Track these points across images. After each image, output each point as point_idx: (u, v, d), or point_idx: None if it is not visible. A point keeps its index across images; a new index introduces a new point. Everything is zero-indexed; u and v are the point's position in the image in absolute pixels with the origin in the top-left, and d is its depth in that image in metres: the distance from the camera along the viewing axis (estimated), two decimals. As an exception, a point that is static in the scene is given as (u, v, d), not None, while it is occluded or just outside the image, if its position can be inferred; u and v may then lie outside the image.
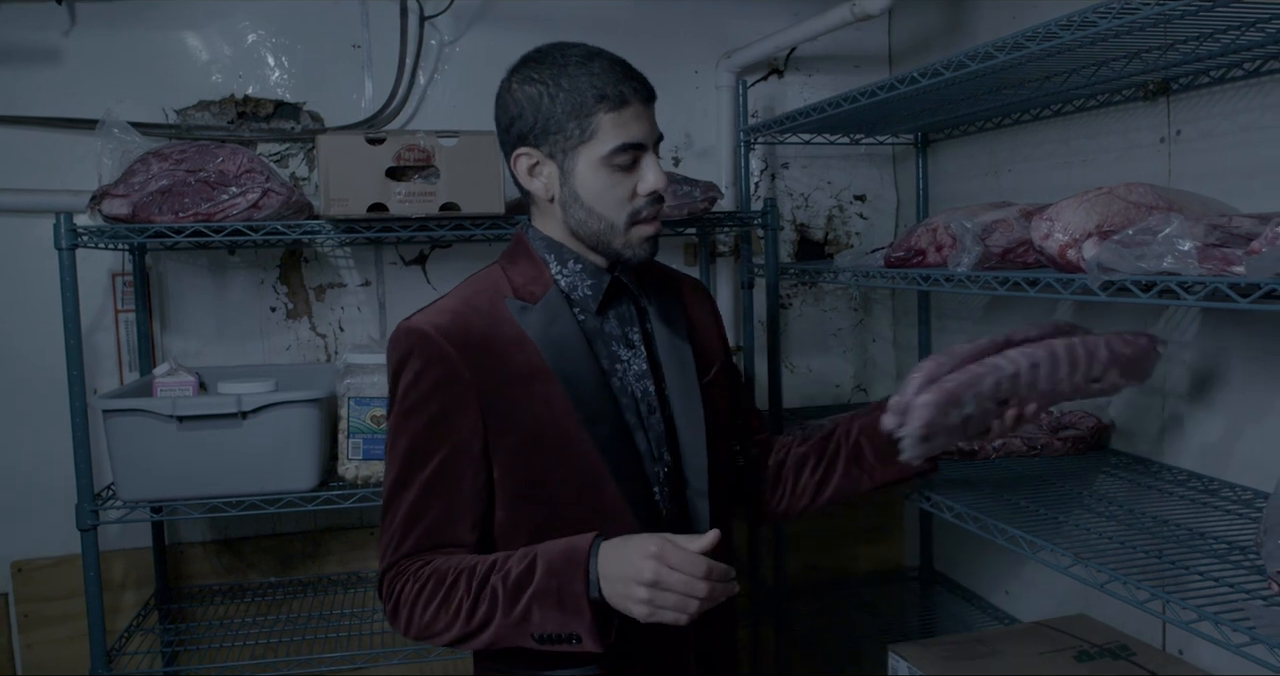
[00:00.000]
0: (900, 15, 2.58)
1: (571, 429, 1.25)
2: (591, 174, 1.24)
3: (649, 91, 1.26)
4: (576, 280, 1.30)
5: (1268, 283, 1.02)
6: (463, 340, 1.24)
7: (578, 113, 1.22)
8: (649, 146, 1.25)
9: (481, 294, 1.30)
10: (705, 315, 1.46)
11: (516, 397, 1.24)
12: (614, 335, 1.32)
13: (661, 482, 1.31)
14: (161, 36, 2.27)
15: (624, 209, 1.25)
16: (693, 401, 1.34)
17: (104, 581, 1.94)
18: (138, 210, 1.87)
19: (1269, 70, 1.50)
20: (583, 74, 1.22)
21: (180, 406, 1.85)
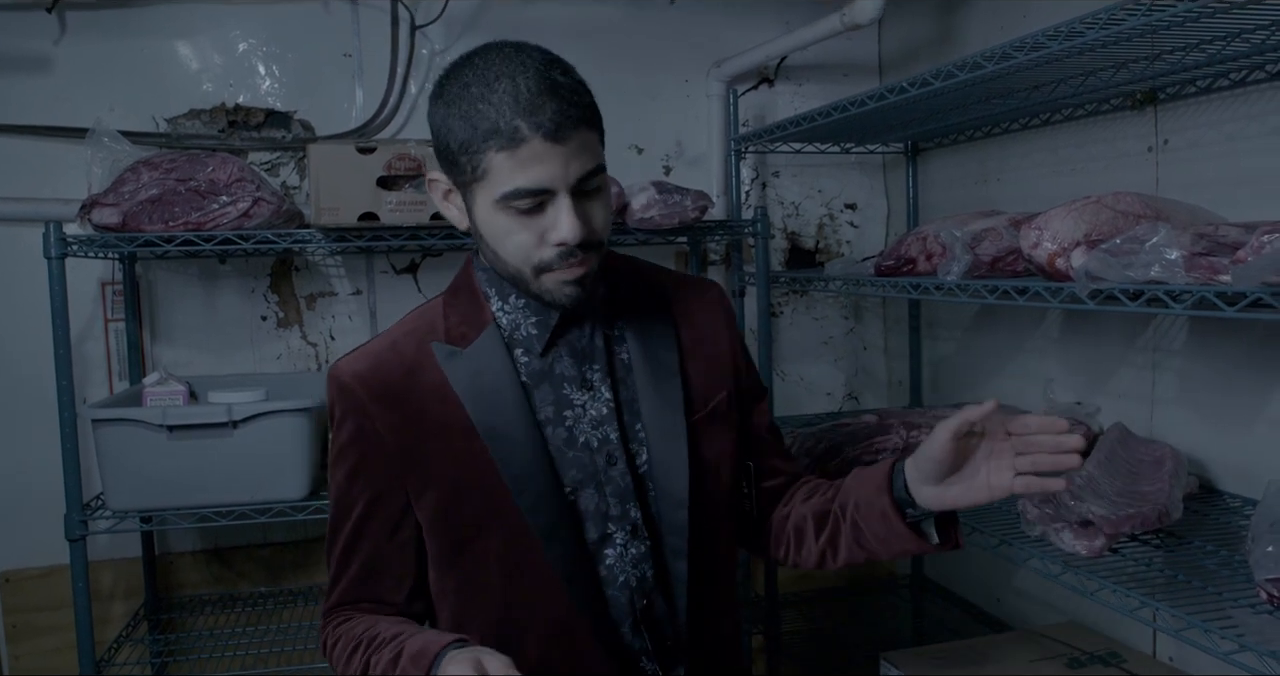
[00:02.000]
0: (889, 25, 2.59)
1: (495, 489, 1.11)
2: (490, 215, 1.06)
3: (560, 124, 1.01)
4: (519, 317, 1.16)
5: (1254, 291, 1.03)
6: (380, 390, 1.14)
7: (467, 148, 1.03)
8: (558, 190, 1.03)
9: (411, 335, 1.17)
10: (711, 333, 1.25)
11: (435, 454, 1.13)
12: (566, 376, 1.15)
13: (621, 544, 1.15)
14: (152, 45, 2.27)
15: (529, 257, 1.06)
16: (674, 446, 1.16)
17: (93, 591, 1.93)
18: (127, 219, 1.87)
19: (1254, 80, 1.51)
20: (479, 101, 1.02)
21: (170, 416, 1.85)
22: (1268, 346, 1.51)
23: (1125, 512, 1.35)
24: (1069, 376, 1.98)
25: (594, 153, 1.05)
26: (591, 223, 1.06)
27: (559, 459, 1.13)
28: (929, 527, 1.14)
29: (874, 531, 1.15)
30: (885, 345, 2.74)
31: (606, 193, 1.10)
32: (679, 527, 1.15)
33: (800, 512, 1.27)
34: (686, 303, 1.25)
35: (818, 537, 1.23)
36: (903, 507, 1.12)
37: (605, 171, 1.09)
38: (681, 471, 1.15)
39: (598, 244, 1.08)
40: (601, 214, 1.08)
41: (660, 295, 1.24)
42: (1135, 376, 1.79)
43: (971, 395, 2.28)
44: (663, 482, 1.16)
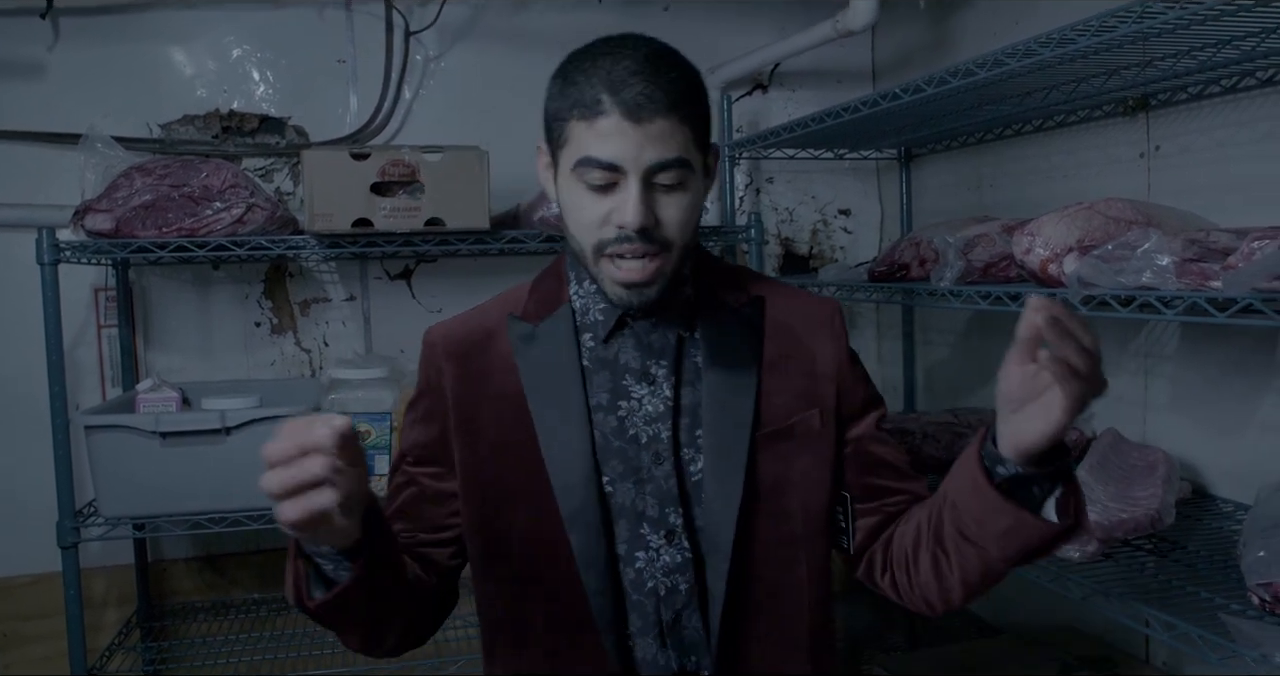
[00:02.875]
0: (883, 32, 2.60)
1: (532, 464, 1.11)
2: (567, 186, 1.08)
3: (641, 105, 1.01)
4: (590, 302, 1.15)
5: (1244, 297, 1.03)
6: (455, 349, 1.18)
7: (556, 115, 1.07)
8: (628, 170, 1.02)
9: (500, 304, 1.21)
10: (808, 348, 1.17)
11: (486, 418, 1.14)
12: (629, 367, 1.13)
13: (654, 548, 1.10)
14: (146, 51, 2.27)
15: (592, 234, 1.06)
16: (730, 461, 1.10)
17: (85, 599, 1.92)
18: (121, 225, 1.87)
19: (1245, 87, 1.52)
20: (578, 73, 1.05)
21: (163, 422, 1.84)
22: (1259, 352, 1.51)
23: (1118, 518, 1.36)
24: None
25: (676, 145, 1.03)
26: (660, 215, 1.04)
27: (603, 447, 1.11)
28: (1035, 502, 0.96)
29: (969, 509, 0.98)
30: (879, 351, 2.75)
31: (690, 195, 1.06)
32: (723, 547, 1.09)
33: (907, 525, 1.13)
34: (785, 315, 1.19)
35: (928, 544, 1.07)
36: (992, 468, 0.96)
37: (693, 171, 1.05)
38: (735, 488, 1.09)
39: (665, 242, 1.05)
40: (676, 213, 1.05)
41: (755, 305, 1.18)
42: (1128, 382, 1.80)
43: (967, 400, 2.28)
44: (713, 496, 1.10)
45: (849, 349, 1.20)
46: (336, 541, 0.94)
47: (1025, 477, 0.95)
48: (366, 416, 1.95)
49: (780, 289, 1.22)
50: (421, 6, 2.37)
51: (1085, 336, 0.85)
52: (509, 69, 2.44)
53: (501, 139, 2.26)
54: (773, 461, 1.12)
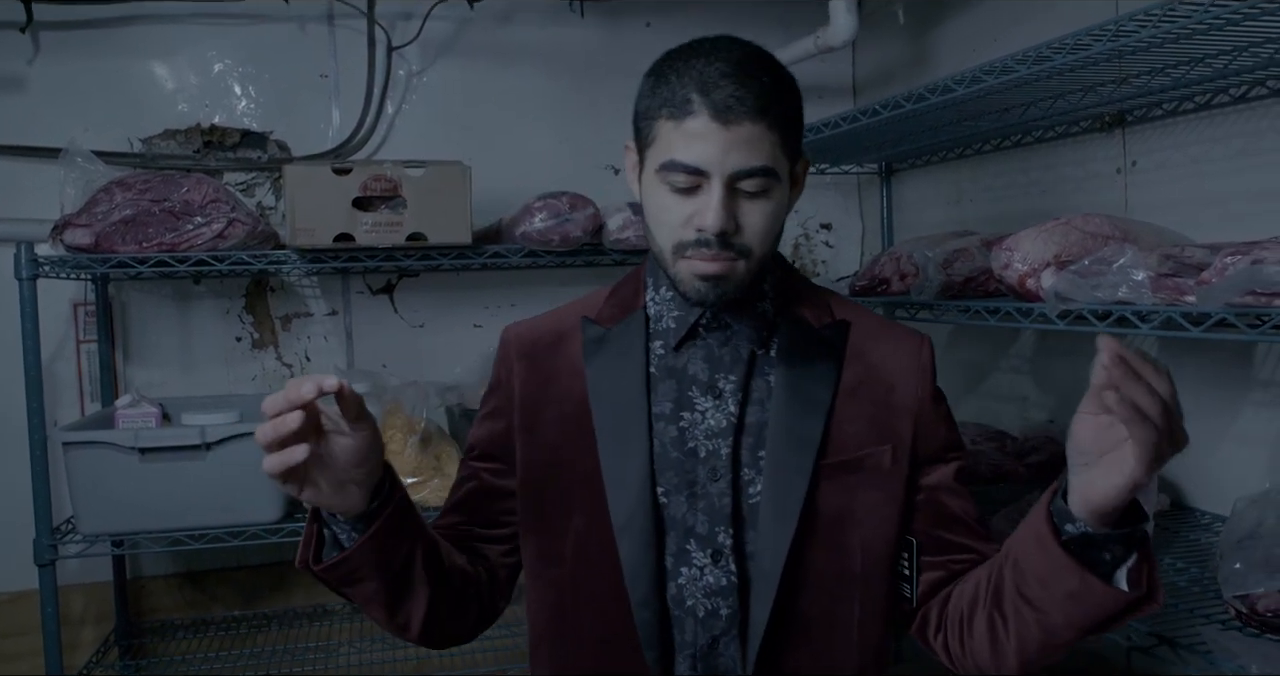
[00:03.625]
0: (863, 48, 2.62)
1: (589, 468, 1.10)
2: (651, 186, 1.06)
3: (730, 107, 0.98)
4: (664, 309, 1.13)
5: (1218, 312, 1.05)
6: (527, 348, 1.18)
7: (645, 114, 1.06)
8: (712, 174, 1.00)
9: (577, 307, 1.20)
10: (890, 380, 1.11)
11: (549, 418, 1.14)
12: (696, 379, 1.10)
13: (698, 566, 1.06)
14: (127, 65, 2.26)
15: (672, 235, 1.04)
16: (790, 486, 1.05)
17: (62, 617, 1.90)
18: (100, 240, 1.86)
19: (1218, 104, 1.54)
20: (671, 73, 1.03)
21: (142, 438, 1.83)
22: (1234, 366, 1.53)
23: (1097, 531, 1.36)
24: (1042, 395, 1.99)
25: (763, 152, 1.00)
26: (741, 221, 1.02)
27: (660, 456, 1.08)
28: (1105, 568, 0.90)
29: (1033, 568, 0.92)
30: (861, 364, 2.75)
31: (773, 204, 1.03)
32: (770, 574, 1.04)
33: (965, 584, 1.07)
34: (870, 343, 1.14)
35: (985, 605, 1.01)
36: (1060, 525, 0.90)
37: (778, 180, 1.03)
38: (791, 514, 1.04)
39: (744, 249, 1.03)
40: (758, 220, 1.02)
41: (839, 329, 1.14)
42: (1107, 395, 1.81)
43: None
44: (768, 521, 1.05)
45: (935, 387, 1.14)
46: (341, 506, 0.97)
47: (1096, 538, 0.88)
48: (348, 431, 1.94)
49: (869, 316, 1.17)
50: (404, 21, 2.38)
51: (1156, 379, 0.80)
52: (491, 84, 2.44)
53: (484, 154, 2.27)
54: (836, 493, 1.07)
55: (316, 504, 0.98)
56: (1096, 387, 0.80)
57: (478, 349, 2.25)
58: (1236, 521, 1.21)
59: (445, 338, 2.44)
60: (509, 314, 2.47)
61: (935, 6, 2.29)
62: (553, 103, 2.49)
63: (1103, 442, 0.84)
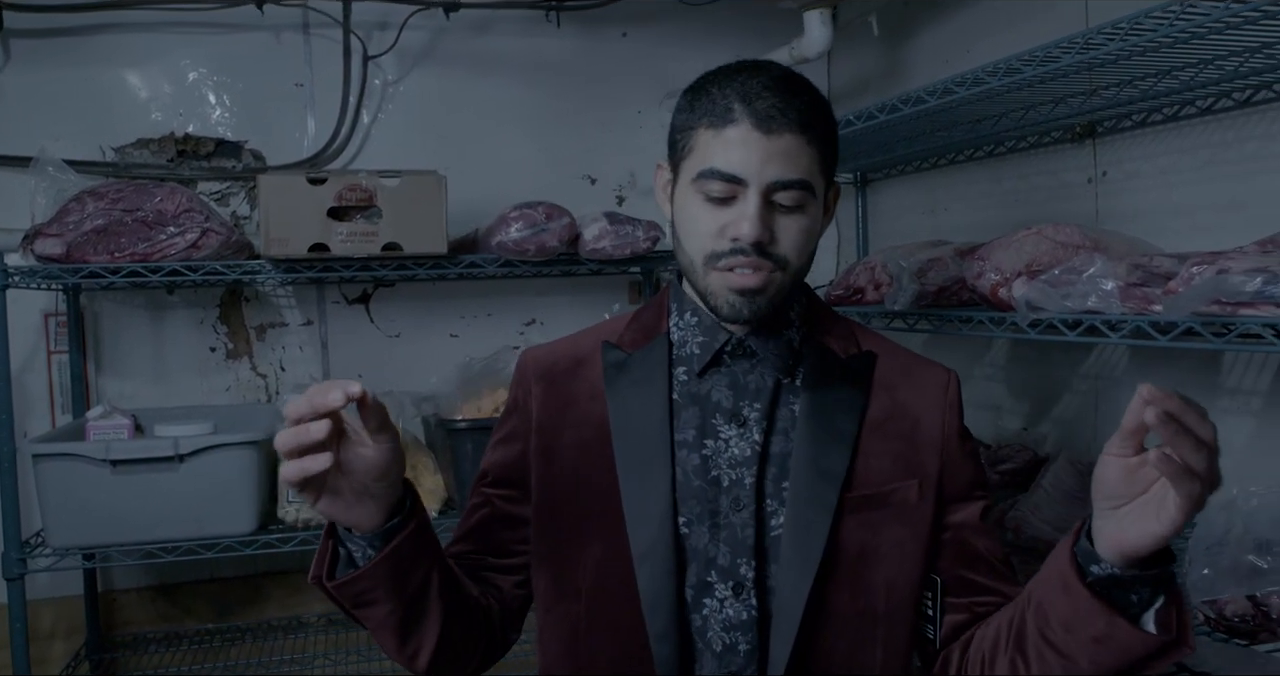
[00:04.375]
0: (838, 58, 2.64)
1: (609, 496, 1.07)
2: (684, 198, 1.05)
3: (772, 117, 0.99)
4: (688, 334, 1.11)
5: (1184, 321, 1.06)
6: (545, 371, 1.15)
7: (686, 124, 1.05)
8: (749, 182, 0.99)
9: (597, 332, 1.18)
10: (916, 414, 1.09)
11: (567, 444, 1.11)
12: (720, 406, 1.07)
13: (719, 599, 1.04)
14: (100, 74, 2.25)
15: (704, 245, 1.02)
16: (814, 519, 1.02)
17: (31, 631, 1.88)
18: (72, 250, 1.84)
19: (1185, 116, 1.56)
20: (711, 87, 1.03)
21: (114, 450, 1.81)
22: (1202, 373, 1.55)
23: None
24: (1016, 403, 2.01)
25: (802, 166, 1.00)
26: (777, 233, 1.01)
27: (683, 485, 1.05)
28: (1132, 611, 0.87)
29: (1057, 611, 0.90)
30: (838, 372, 2.76)
31: (809, 220, 1.03)
32: (792, 611, 1.01)
33: (987, 628, 1.04)
34: (896, 376, 1.12)
35: (1006, 649, 0.98)
36: (1085, 566, 0.88)
37: (814, 198, 1.03)
38: (814, 549, 1.01)
39: (780, 260, 1.01)
40: (794, 235, 1.01)
41: (865, 360, 1.12)
42: (1079, 403, 1.83)
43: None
44: (789, 555, 1.02)
45: (962, 424, 1.12)
46: (357, 520, 0.93)
47: (1124, 580, 0.86)
48: (323, 442, 1.93)
49: (895, 349, 1.15)
50: (380, 31, 2.37)
51: (1204, 430, 0.78)
52: (468, 94, 2.44)
53: (460, 163, 2.27)
54: (860, 528, 1.04)
55: (332, 516, 0.94)
56: (1126, 431, 0.80)
57: (454, 359, 2.24)
58: (1205, 528, 1.22)
59: (421, 347, 2.43)
60: (485, 323, 2.47)
61: (909, 18, 2.31)
62: (529, 112, 2.50)
63: (1134, 486, 0.82)
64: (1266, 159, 1.44)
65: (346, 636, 2.29)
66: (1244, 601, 1.12)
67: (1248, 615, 1.11)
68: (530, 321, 2.51)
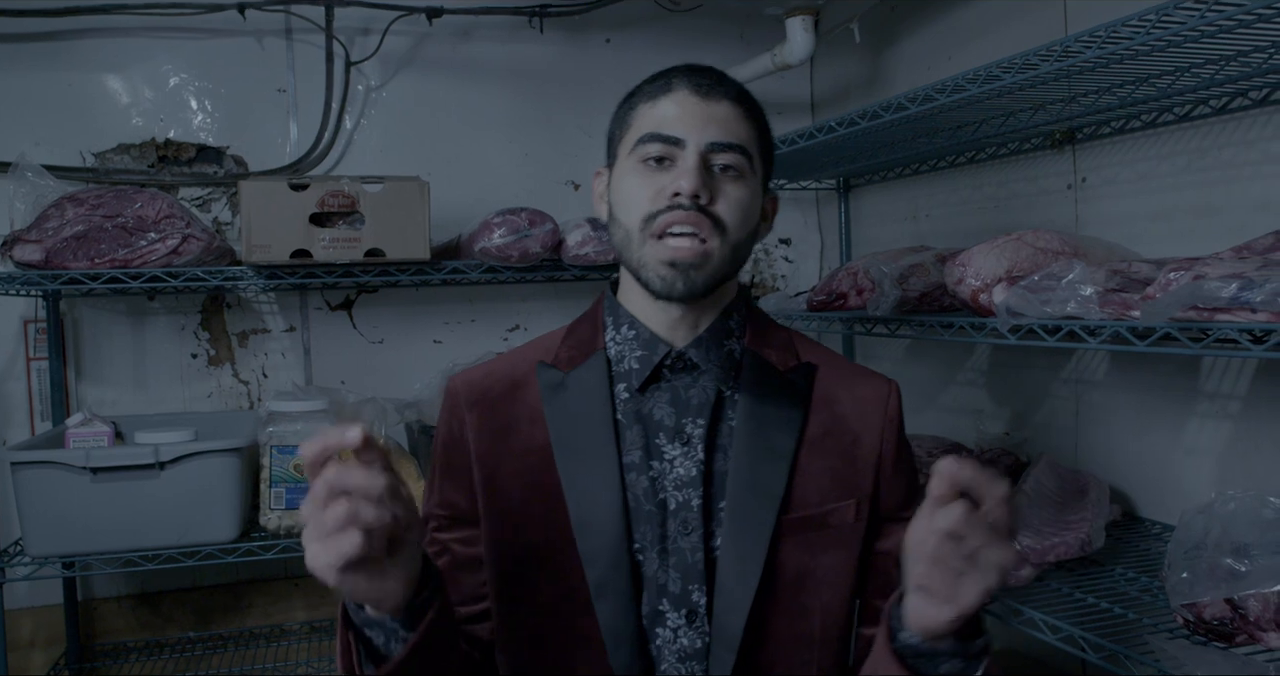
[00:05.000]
0: (821, 65, 2.65)
1: (559, 526, 1.02)
2: (623, 174, 1.04)
3: (711, 86, 1.02)
4: (626, 349, 1.07)
5: (1162, 327, 1.07)
6: (479, 398, 1.09)
7: (624, 109, 1.08)
8: (688, 141, 0.99)
9: (530, 351, 1.12)
10: (855, 430, 1.07)
11: (510, 473, 1.05)
12: (663, 424, 1.04)
13: (672, 628, 1.00)
14: (80, 78, 2.23)
15: (643, 209, 1.00)
16: (749, 541, 0.99)
17: (10, 641, 1.86)
18: (51, 256, 1.83)
19: (1163, 122, 1.57)
20: (647, 82, 1.08)
21: (94, 457, 1.80)
22: (1181, 377, 1.56)
23: (1050, 542, 1.39)
24: (997, 408, 2.02)
25: (739, 132, 1.02)
26: (716, 195, 1.00)
27: (634, 511, 1.01)
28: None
29: (875, 668, 0.90)
30: (821, 377, 2.77)
31: (747, 191, 1.02)
32: (730, 638, 0.98)
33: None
34: (836, 389, 1.08)
35: None
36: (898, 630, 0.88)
37: (753, 172, 1.03)
38: (751, 573, 0.98)
39: (719, 221, 0.99)
40: (733, 200, 1.00)
41: (804, 372, 1.08)
42: (1060, 407, 1.84)
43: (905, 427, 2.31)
44: (727, 579, 0.99)
45: (900, 437, 1.10)
46: (379, 596, 0.82)
47: (926, 652, 0.85)
48: (305, 449, 1.92)
49: (835, 360, 1.13)
50: (363, 36, 2.37)
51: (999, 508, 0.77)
52: (451, 99, 2.44)
53: (443, 169, 2.27)
54: (798, 550, 1.01)
55: (356, 593, 0.81)
56: (934, 499, 0.78)
57: (437, 365, 2.24)
58: (1184, 531, 1.23)
59: (405, 353, 2.43)
60: (469, 329, 2.47)
61: (890, 25, 2.33)
62: (512, 118, 2.49)
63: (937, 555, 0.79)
64: (1242, 165, 1.46)
65: (329, 644, 2.28)
66: (1222, 604, 1.13)
67: (1226, 618, 1.12)
68: (514, 327, 2.51)
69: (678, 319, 1.06)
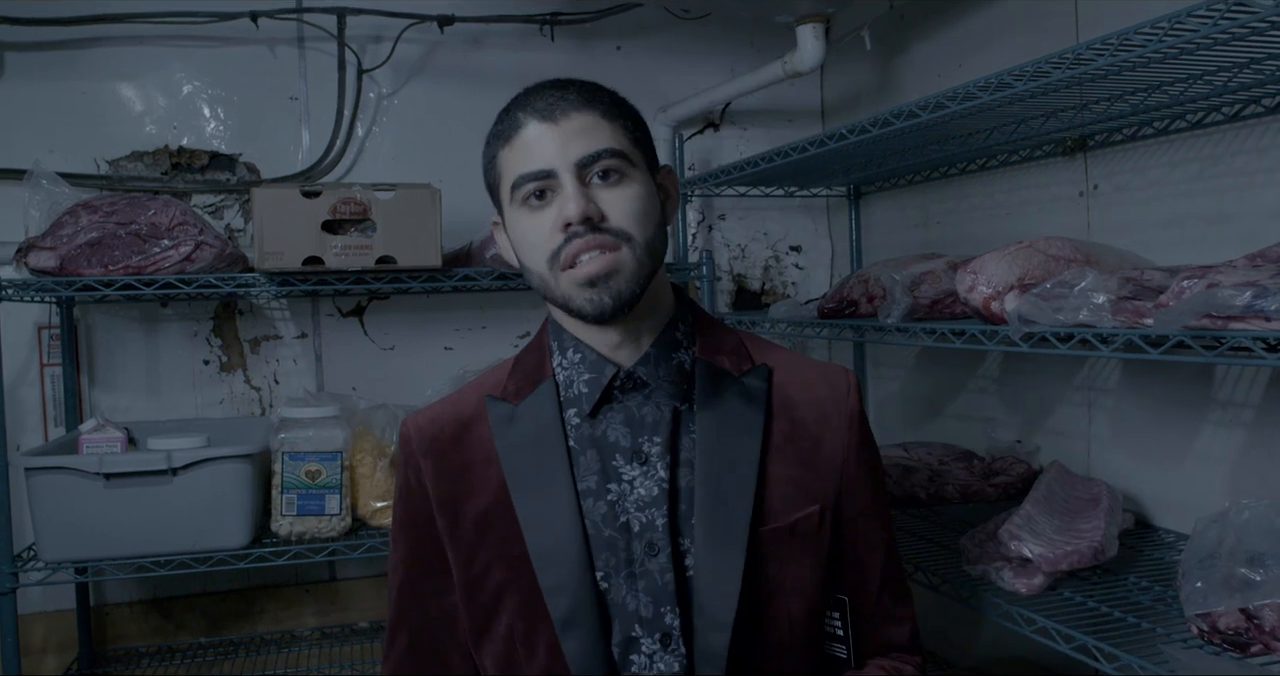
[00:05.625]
0: (831, 73, 2.66)
1: (519, 563, 1.00)
2: (515, 221, 1.02)
3: (554, 106, 1.00)
4: (574, 373, 1.05)
5: (1175, 334, 1.06)
6: (430, 443, 1.07)
7: (489, 158, 1.05)
8: (557, 170, 0.98)
9: (478, 387, 1.10)
10: (817, 432, 1.06)
11: (469, 514, 1.04)
12: (619, 445, 1.01)
13: (647, 654, 0.98)
14: (94, 87, 2.25)
15: (544, 249, 0.99)
16: (726, 557, 0.97)
17: (23, 647, 1.87)
18: (65, 263, 1.84)
19: (1176, 130, 1.57)
20: (497, 122, 1.06)
21: (107, 463, 1.81)
22: (1194, 385, 1.55)
23: (1063, 551, 1.38)
24: (1009, 415, 2.01)
25: (601, 136, 0.99)
26: (604, 208, 0.98)
27: (594, 538, 0.99)
28: None
29: None
30: (832, 384, 2.77)
31: (635, 188, 1.00)
32: (715, 655, 0.96)
33: None
34: (795, 389, 1.07)
35: None
36: None
37: (633, 165, 1.01)
38: (730, 589, 0.96)
39: (618, 233, 0.98)
40: (624, 205, 0.98)
41: (760, 375, 1.06)
42: (1072, 415, 1.83)
43: (916, 435, 2.31)
44: (705, 597, 0.97)
45: (862, 434, 1.09)
46: None
47: None
48: (317, 455, 1.93)
49: (789, 357, 1.11)
50: (375, 44, 2.38)
51: None
52: (462, 107, 2.45)
53: (454, 176, 2.27)
54: (773, 561, 1.00)
55: None
56: None
57: (448, 371, 2.24)
58: (1198, 540, 1.22)
59: (416, 360, 2.43)
60: (480, 336, 2.47)
61: (901, 32, 2.33)
62: (523, 125, 2.50)
63: None
64: (1255, 173, 1.45)
65: (339, 650, 2.28)
66: (1237, 614, 1.12)
67: (1241, 627, 1.11)
68: (524, 334, 2.51)
69: (619, 339, 1.04)
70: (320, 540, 1.93)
